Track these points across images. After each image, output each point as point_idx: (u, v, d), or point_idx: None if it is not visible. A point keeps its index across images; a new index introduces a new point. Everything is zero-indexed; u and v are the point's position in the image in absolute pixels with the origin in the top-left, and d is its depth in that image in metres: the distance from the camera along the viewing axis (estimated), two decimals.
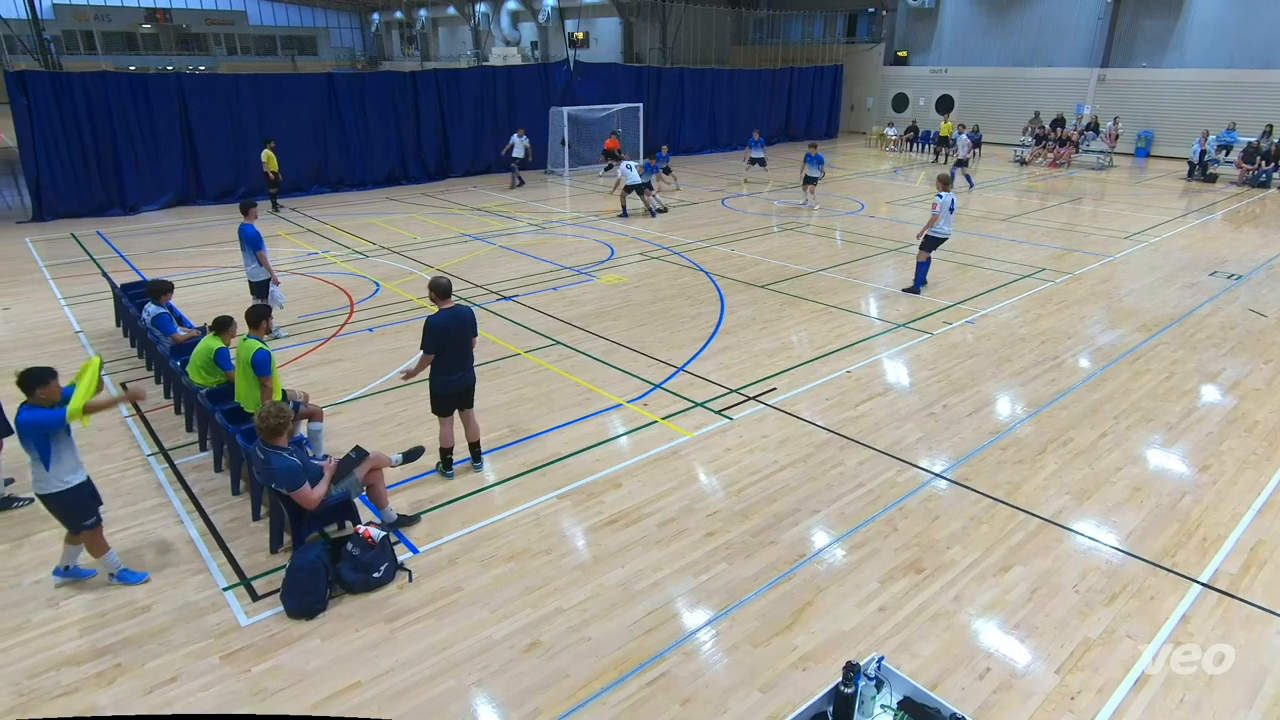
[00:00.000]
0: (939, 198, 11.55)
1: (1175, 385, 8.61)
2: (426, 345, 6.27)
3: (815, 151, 18.73)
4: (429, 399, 6.54)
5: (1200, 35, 26.64)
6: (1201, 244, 15.30)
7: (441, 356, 6.31)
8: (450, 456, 6.69)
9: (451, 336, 6.31)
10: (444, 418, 6.56)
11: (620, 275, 12.96)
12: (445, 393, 6.45)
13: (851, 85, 35.70)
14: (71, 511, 5.09)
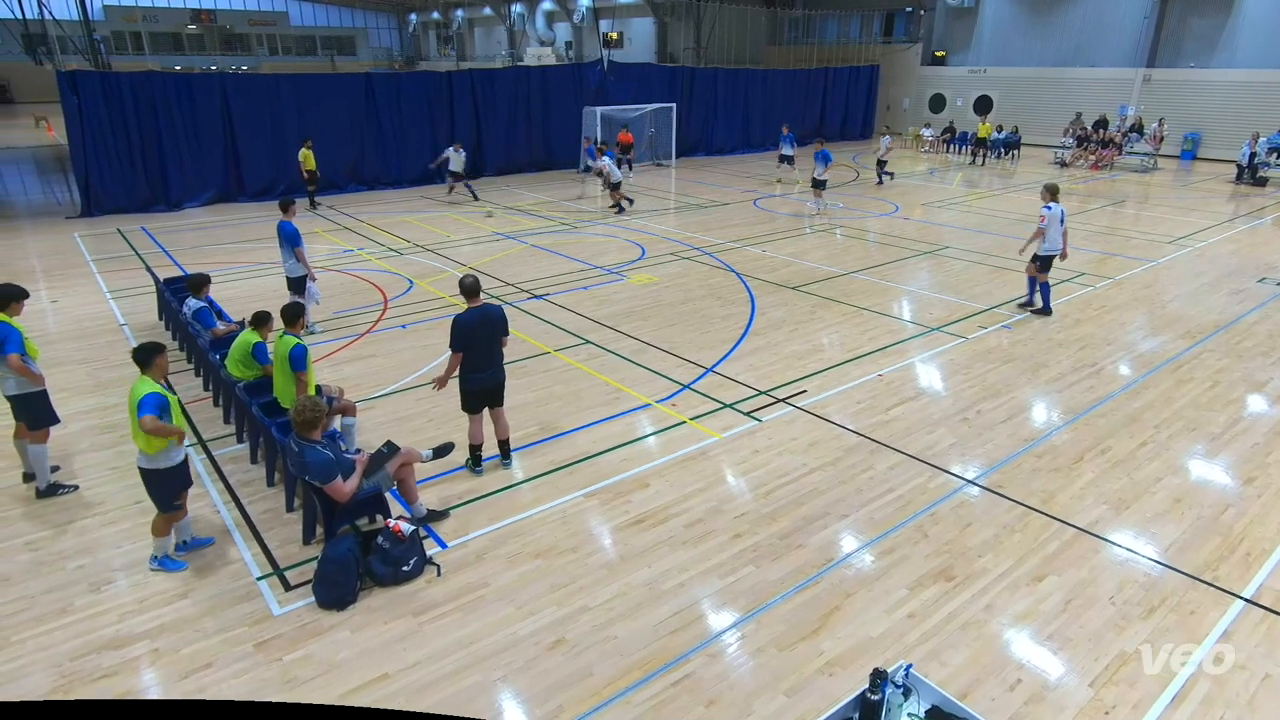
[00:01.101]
0: (1047, 209, 10.63)
1: (1220, 394, 8.37)
2: (455, 343, 6.34)
3: (821, 147, 18.16)
4: (459, 396, 6.60)
5: (1251, 35, 25.85)
6: (1250, 249, 14.84)
7: (470, 354, 6.37)
8: (480, 453, 6.75)
9: (479, 334, 6.36)
10: (474, 415, 6.62)
11: (651, 275, 12.96)
12: (474, 390, 6.51)
13: (888, 85, 35.27)
14: (168, 489, 5.36)
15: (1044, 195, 10.98)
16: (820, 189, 17.99)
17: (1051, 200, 10.76)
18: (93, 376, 8.86)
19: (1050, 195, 10.86)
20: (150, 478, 5.33)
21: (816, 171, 17.83)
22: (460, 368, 6.44)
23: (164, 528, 5.49)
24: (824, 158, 17.76)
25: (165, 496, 5.39)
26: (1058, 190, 10.95)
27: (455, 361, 6.41)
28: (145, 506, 6.23)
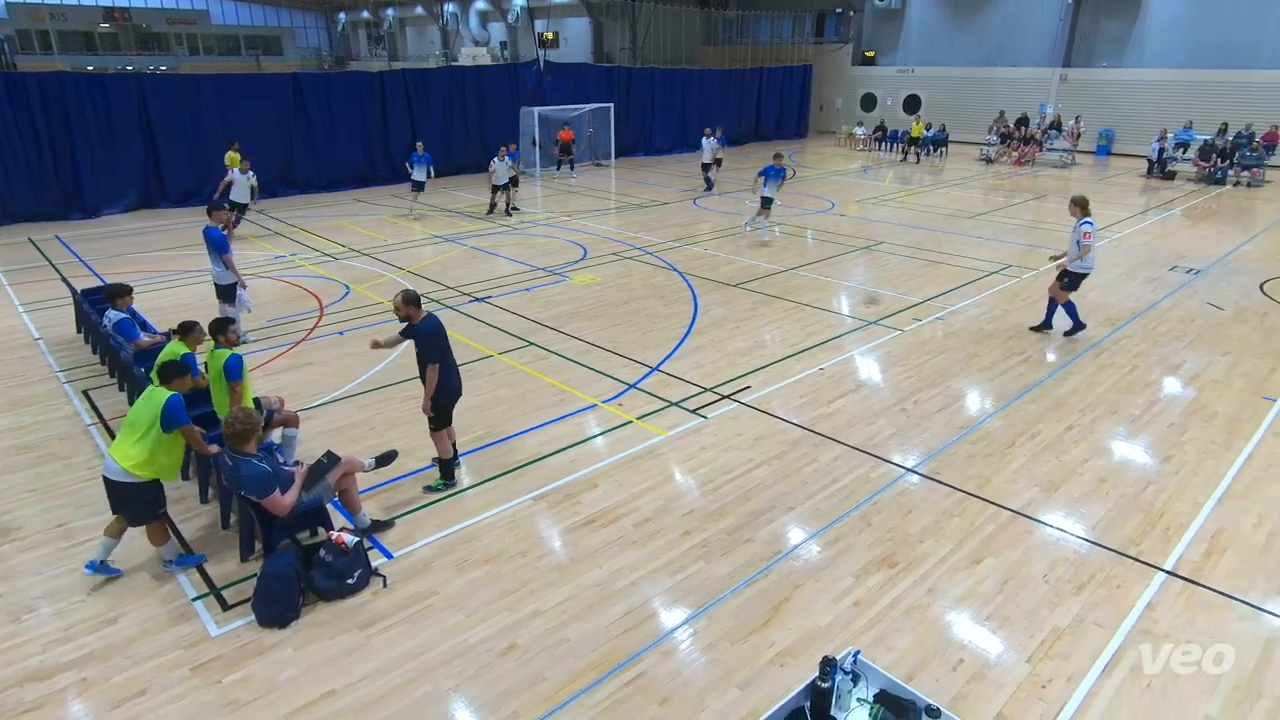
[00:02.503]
0: (1089, 224, 9.56)
1: (1138, 378, 8.81)
2: (434, 354, 6.07)
3: (781, 164, 15.12)
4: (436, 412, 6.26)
5: (1158, 36, 27.30)
6: (1161, 239, 15.66)
7: (445, 364, 6.18)
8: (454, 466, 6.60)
9: (446, 343, 6.23)
10: (447, 428, 6.44)
11: (594, 275, 12.94)
12: (451, 402, 6.34)
13: (820, 85, 36.03)
14: (149, 499, 5.25)
15: (1077, 210, 9.76)
16: (767, 208, 15.09)
17: (1086, 215, 9.68)
18: (6, 395, 8.38)
19: (1084, 210, 9.71)
20: (138, 490, 5.18)
21: (765, 188, 14.94)
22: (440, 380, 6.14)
23: (162, 534, 5.38)
24: (775, 174, 14.93)
25: (154, 505, 5.29)
26: (1089, 203, 9.81)
27: (436, 374, 6.09)
28: (68, 529, 5.94)
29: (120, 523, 5.33)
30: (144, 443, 5.11)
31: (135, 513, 5.30)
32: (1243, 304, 11.45)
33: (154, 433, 5.11)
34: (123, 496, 5.21)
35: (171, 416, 5.13)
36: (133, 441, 5.12)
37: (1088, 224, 9.65)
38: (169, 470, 5.34)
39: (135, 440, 5.11)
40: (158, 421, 5.10)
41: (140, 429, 5.12)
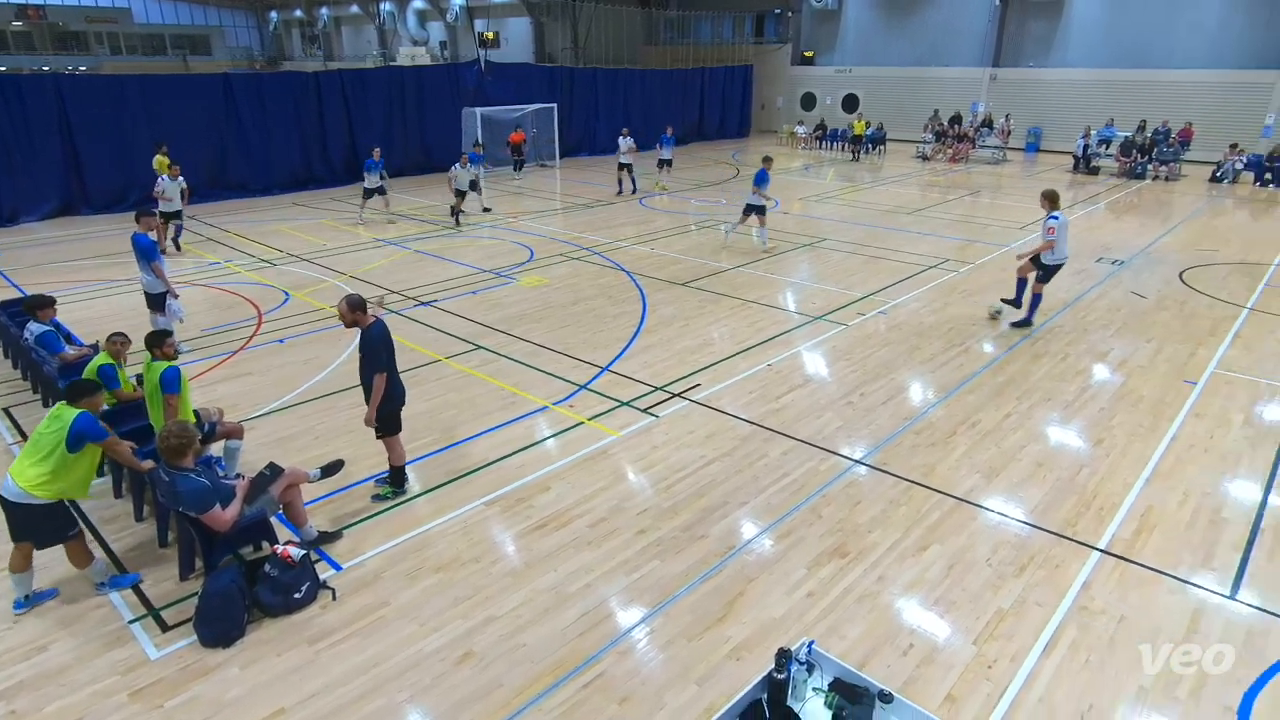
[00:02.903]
0: (1054, 219, 9.93)
1: (1070, 366, 9.16)
2: (383, 360, 5.92)
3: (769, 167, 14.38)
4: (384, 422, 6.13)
5: (1080, 37, 28.45)
6: (1088, 232, 16.32)
7: (393, 369, 6.05)
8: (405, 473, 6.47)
9: (393, 346, 6.10)
10: (398, 434, 6.30)
11: (541, 277, 12.86)
12: (400, 408, 6.21)
13: (761, 85, 36.50)
14: (54, 521, 4.97)
15: (1046, 204, 10.16)
16: (762, 215, 14.27)
17: (1055, 209, 10.06)
18: None
19: (1053, 204, 10.09)
20: (39, 512, 4.90)
21: (753, 196, 14.11)
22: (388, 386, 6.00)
23: (82, 555, 5.13)
24: (762, 179, 14.03)
25: (62, 527, 5.03)
26: (1058, 198, 10.22)
27: (384, 383, 5.94)
28: None
29: (22, 552, 5.02)
30: (47, 462, 4.84)
31: (41, 536, 5.01)
32: (1164, 292, 12.02)
33: (58, 453, 4.84)
34: (22, 520, 4.92)
35: (83, 435, 4.88)
36: (34, 461, 4.85)
37: (1053, 218, 10.01)
38: (76, 488, 5.05)
39: (37, 460, 4.85)
40: (63, 442, 4.84)
41: (44, 449, 4.86)
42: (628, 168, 20.45)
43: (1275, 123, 24.76)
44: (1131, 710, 4.32)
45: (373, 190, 16.83)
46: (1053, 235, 9.95)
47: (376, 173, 16.71)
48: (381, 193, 16.93)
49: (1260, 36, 24.89)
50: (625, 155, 20.22)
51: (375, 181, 16.75)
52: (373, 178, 16.71)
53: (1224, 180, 22.91)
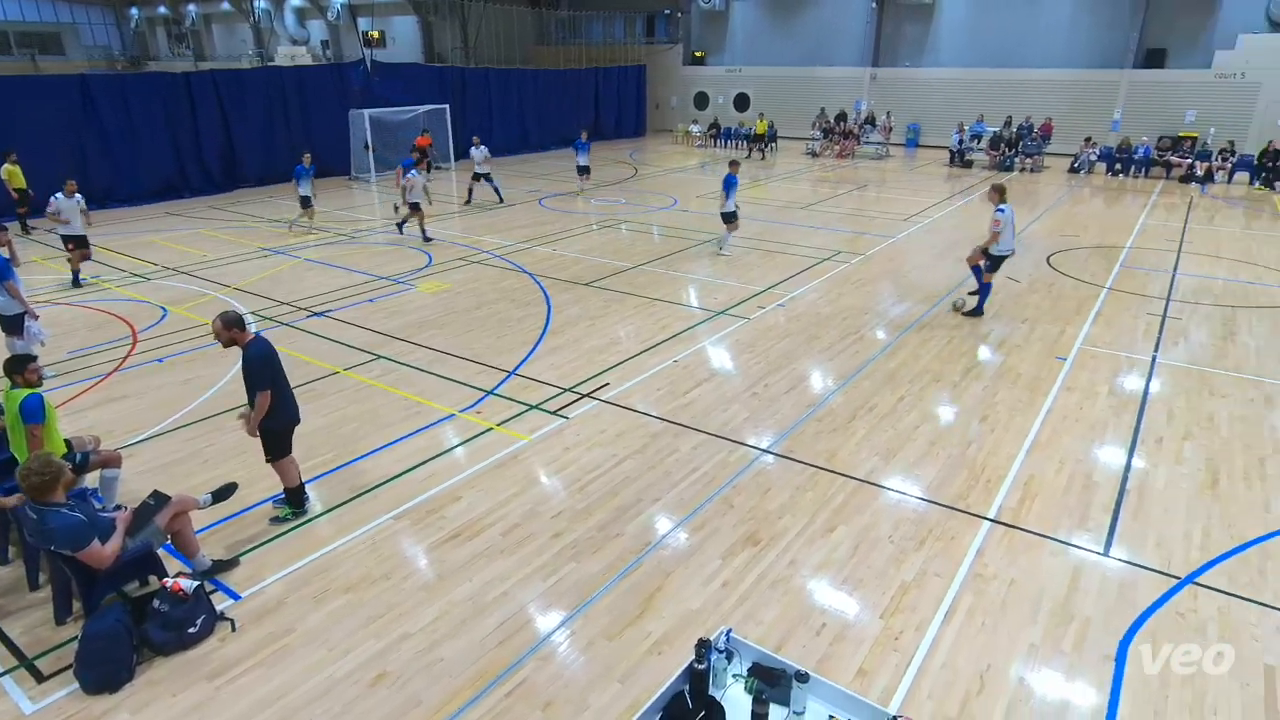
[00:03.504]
0: (1000, 212, 10.31)
1: (955, 348, 9.72)
2: (264, 379, 5.60)
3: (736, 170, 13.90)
4: (268, 444, 5.85)
5: (950, 39, 30.18)
6: (965, 222, 17.35)
7: (278, 388, 5.74)
8: (304, 492, 6.17)
9: (279, 365, 5.79)
10: (289, 456, 5.99)
11: (441, 282, 12.56)
12: (288, 428, 5.91)
13: (655, 85, 36.89)
14: None
15: (993, 197, 10.56)
16: (732, 222, 13.99)
17: (1002, 201, 10.43)
18: None
19: (1000, 196, 10.48)
20: None
21: (724, 203, 13.80)
22: (272, 406, 5.69)
23: None
24: (732, 183, 13.69)
25: None
26: (1005, 191, 10.61)
27: (267, 401, 5.63)
28: None
29: None
30: None
31: None
32: (1035, 276, 12.92)
33: None
34: None
35: None
36: None
37: (1000, 211, 10.39)
38: None
39: None
40: None
41: None
42: (484, 176, 19.21)
43: (1122, 117, 27.05)
44: (1025, 666, 4.63)
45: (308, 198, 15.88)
46: (997, 227, 10.34)
47: (309, 179, 15.85)
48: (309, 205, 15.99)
49: (1105, 38, 27.13)
50: (481, 164, 19.20)
51: (309, 189, 15.86)
52: (307, 184, 15.77)
53: (1081, 171, 24.86)
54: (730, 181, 13.67)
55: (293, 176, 15.91)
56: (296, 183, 15.79)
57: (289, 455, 5.97)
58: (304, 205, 15.94)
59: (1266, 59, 24.62)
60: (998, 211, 10.40)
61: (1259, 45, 24.76)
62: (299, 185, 15.76)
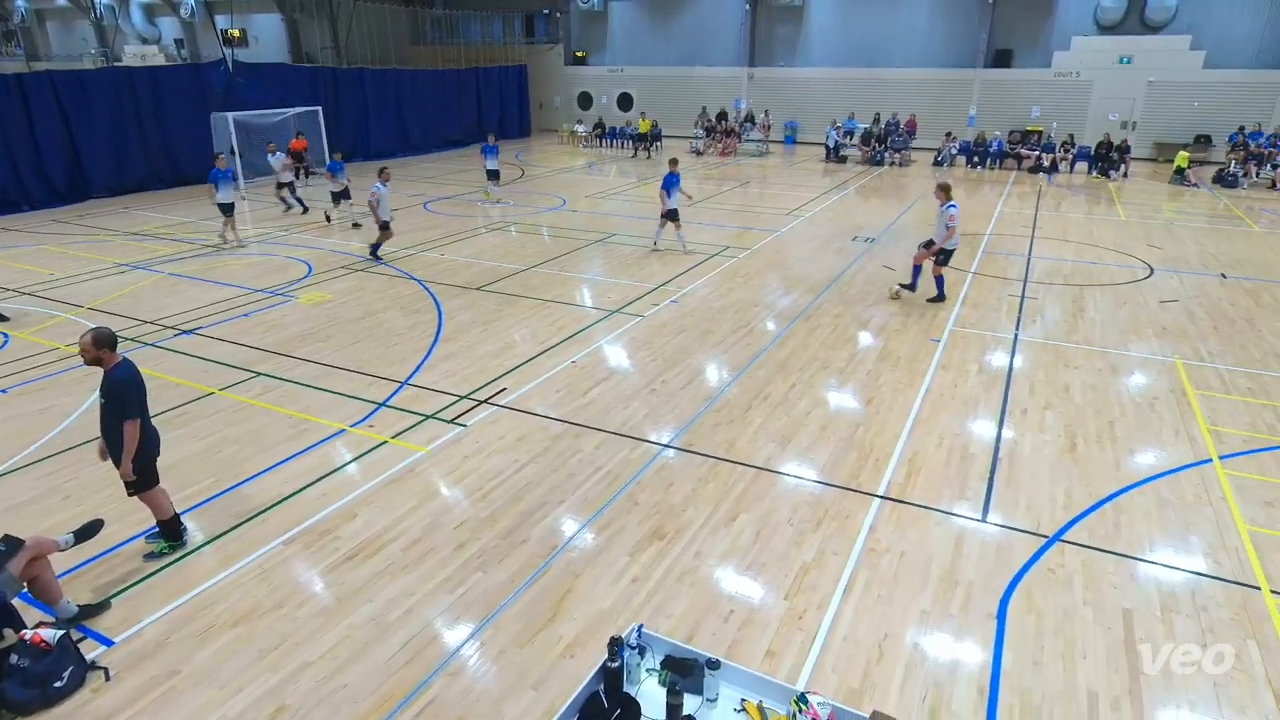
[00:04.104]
0: (954, 208, 10.90)
1: (839, 335, 10.17)
2: (135, 407, 5.21)
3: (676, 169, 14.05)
4: (137, 476, 5.41)
5: (820, 39, 31.52)
6: (842, 215, 18.19)
7: (145, 415, 5.33)
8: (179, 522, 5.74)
9: (144, 391, 5.36)
10: (159, 486, 5.56)
11: (323, 293, 12.00)
12: (156, 455, 5.49)
13: (538, 85, 36.61)
14: None
15: (941, 196, 11.13)
16: (673, 220, 13.93)
17: (949, 199, 11.02)
18: None
19: (947, 195, 11.07)
20: None
21: (666, 201, 13.80)
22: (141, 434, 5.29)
23: None
24: (672, 182, 13.80)
25: None
26: (951, 188, 11.21)
27: (137, 432, 5.23)
28: None
29: None
30: None
31: None
32: (908, 264, 13.67)
33: None
34: None
35: None
36: None
37: (952, 207, 10.91)
38: None
39: None
40: None
41: None
42: (288, 186, 18.20)
43: (977, 113, 29.06)
44: (918, 631, 4.91)
45: (230, 205, 14.67)
46: (955, 223, 10.90)
47: (231, 185, 14.66)
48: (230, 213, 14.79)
49: (959, 40, 29.08)
50: (282, 174, 18.28)
51: (231, 195, 14.67)
52: (228, 190, 14.56)
53: (944, 164, 26.54)
54: (671, 180, 13.79)
55: (209, 180, 14.62)
56: (215, 188, 14.46)
57: (157, 485, 5.56)
58: (226, 214, 14.67)
59: (1096, 59, 27.12)
60: (951, 208, 10.96)
61: (1090, 47, 27.23)
62: (218, 191, 14.44)
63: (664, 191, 13.80)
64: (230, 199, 14.64)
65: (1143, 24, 26.78)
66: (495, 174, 19.71)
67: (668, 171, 13.98)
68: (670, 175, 13.85)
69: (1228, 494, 6.43)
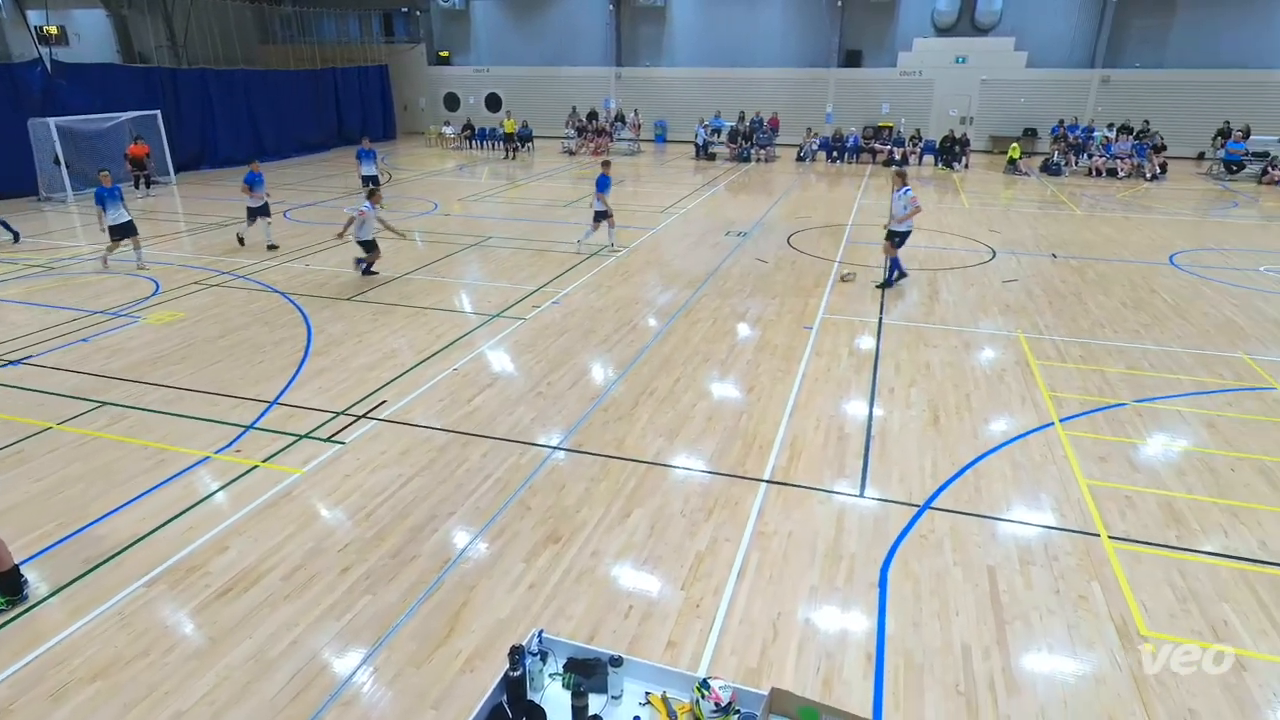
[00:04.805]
0: (909, 192, 11.75)
1: (719, 327, 10.46)
2: None
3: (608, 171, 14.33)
4: None
5: (683, 40, 32.23)
6: (715, 210, 18.69)
7: None
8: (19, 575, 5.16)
9: None
10: None
11: (174, 311, 11.11)
12: None
13: (401, 85, 35.42)
14: None
15: (898, 182, 11.98)
16: (604, 220, 14.27)
17: (905, 184, 11.89)
18: None
19: (903, 180, 11.97)
20: None
21: (597, 203, 14.08)
22: None
23: None
24: (604, 183, 14.13)
25: None
26: (907, 175, 12.20)
27: None
28: None
29: None
30: None
31: None
32: (779, 255, 14.26)
33: None
34: None
35: None
36: None
37: (908, 192, 11.75)
38: None
39: None
40: None
41: None
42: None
43: (834, 110, 30.63)
44: (809, 607, 5.14)
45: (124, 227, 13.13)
46: (916, 202, 11.77)
47: (120, 203, 13.07)
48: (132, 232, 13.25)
49: (813, 41, 30.53)
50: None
51: (124, 214, 13.09)
52: (117, 210, 12.99)
53: (806, 159, 27.82)
54: (603, 181, 14.06)
55: (95, 202, 13.08)
56: (103, 210, 12.95)
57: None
58: (118, 237, 13.19)
59: (936, 59, 29.21)
60: (907, 192, 11.75)
61: (929, 47, 29.30)
62: (106, 213, 12.95)
63: (599, 193, 14.06)
64: (123, 219, 13.13)
65: (974, 26, 29.09)
66: (374, 179, 18.46)
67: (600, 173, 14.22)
68: (602, 177, 14.11)
69: (1069, 453, 7.12)
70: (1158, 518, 6.14)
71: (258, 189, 14.68)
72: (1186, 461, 7.02)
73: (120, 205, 13.11)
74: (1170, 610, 5.10)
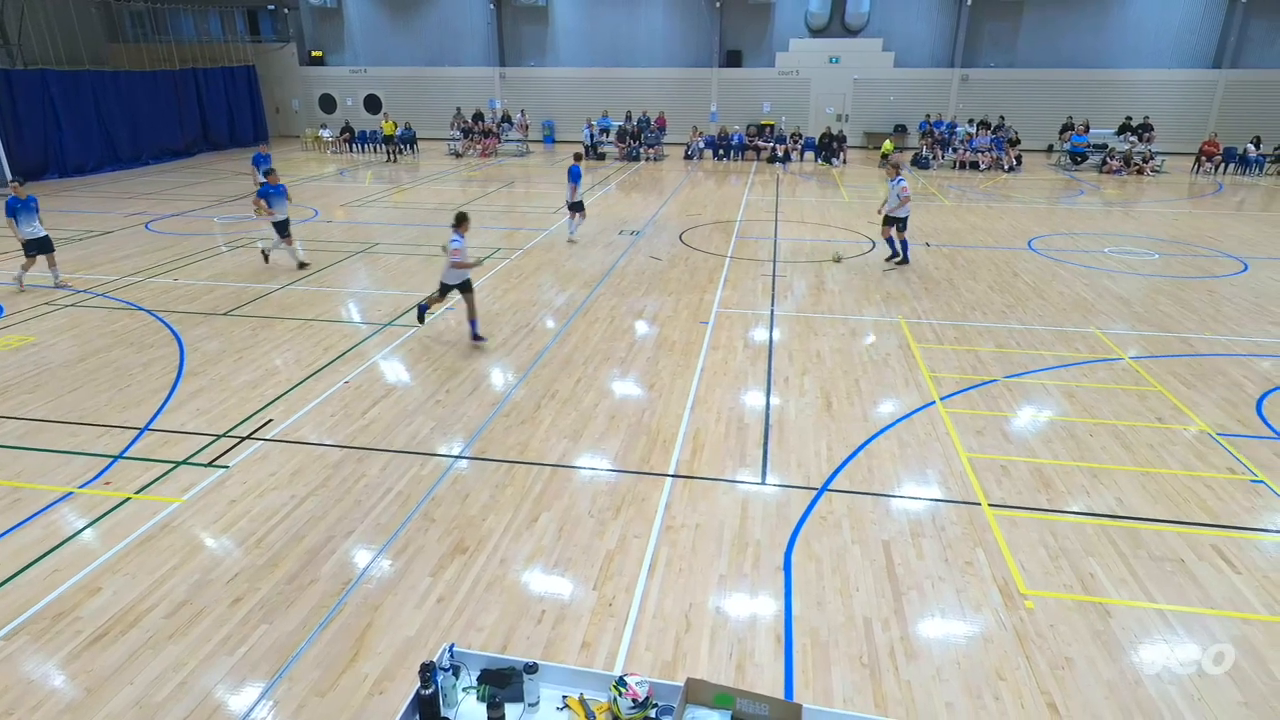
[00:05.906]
0: (902, 181, 12.79)
1: (617, 326, 10.51)
2: None
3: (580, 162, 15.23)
4: None
5: (566, 40, 32.13)
6: (609, 210, 18.76)
7: None
8: None
9: None
10: None
11: (22, 335, 10.14)
12: None
13: (271, 87, 33.62)
14: None
15: (891, 173, 13.17)
16: (579, 211, 15.33)
17: (899, 174, 13.02)
18: None
19: (897, 171, 13.16)
20: None
21: (569, 193, 15.08)
22: None
23: None
24: (575, 174, 14.94)
25: None
26: (901, 165, 13.30)
27: None
28: None
29: None
30: None
31: None
32: (673, 253, 14.47)
33: None
34: None
35: None
36: None
37: (902, 181, 12.86)
38: None
39: None
40: None
41: None
42: None
43: (718, 109, 31.34)
44: (719, 595, 5.25)
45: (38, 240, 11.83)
46: (907, 191, 12.81)
47: (35, 216, 11.76)
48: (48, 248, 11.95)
49: (694, 41, 31.12)
50: None
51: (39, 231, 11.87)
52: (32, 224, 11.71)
53: (694, 157, 28.33)
54: (574, 172, 14.90)
55: (6, 214, 11.70)
56: (14, 223, 11.63)
57: None
58: (32, 253, 11.95)
59: (811, 59, 30.40)
60: (900, 182, 12.84)
61: (804, 48, 30.45)
62: (19, 226, 11.64)
63: (571, 184, 14.95)
64: (39, 233, 11.89)
65: (844, 28, 30.45)
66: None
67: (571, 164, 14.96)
68: (574, 167, 14.91)
69: (949, 429, 7.58)
70: (1030, 483, 6.64)
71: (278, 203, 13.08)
72: (1052, 430, 7.62)
73: (35, 218, 11.97)
74: (1045, 568, 5.53)
